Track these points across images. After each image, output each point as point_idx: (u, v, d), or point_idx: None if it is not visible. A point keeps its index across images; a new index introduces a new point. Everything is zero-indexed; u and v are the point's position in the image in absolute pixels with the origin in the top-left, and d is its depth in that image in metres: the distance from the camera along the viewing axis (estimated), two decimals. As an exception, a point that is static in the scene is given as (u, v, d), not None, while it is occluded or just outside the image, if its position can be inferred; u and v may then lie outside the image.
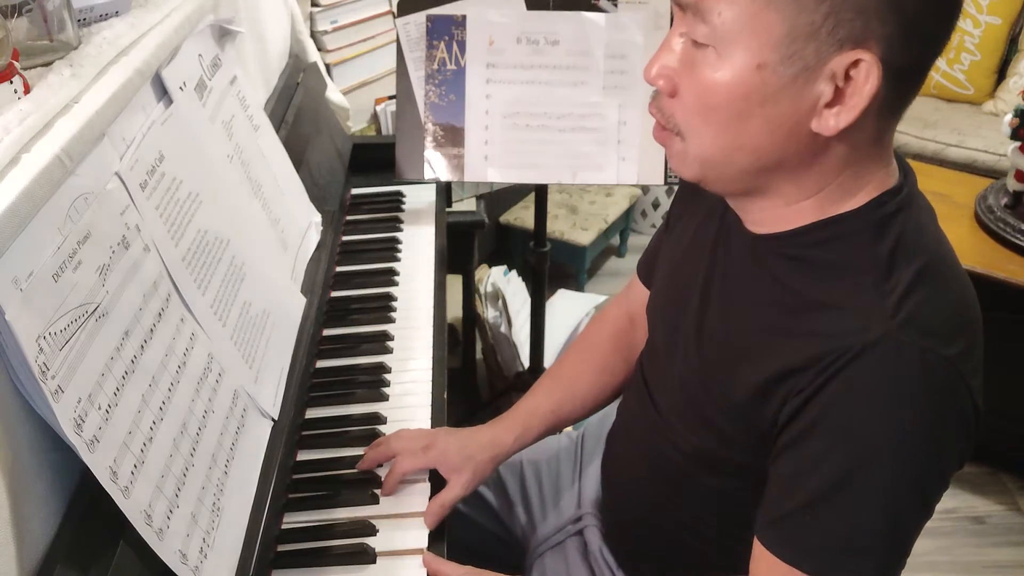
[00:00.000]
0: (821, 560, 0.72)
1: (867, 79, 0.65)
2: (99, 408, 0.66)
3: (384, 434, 1.03)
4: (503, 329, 2.08)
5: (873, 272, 0.71)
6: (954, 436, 0.71)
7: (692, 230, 0.91)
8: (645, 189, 3.01)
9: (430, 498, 0.97)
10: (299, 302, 1.13)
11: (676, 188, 1.02)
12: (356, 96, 2.03)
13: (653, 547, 0.98)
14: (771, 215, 0.77)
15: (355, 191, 1.56)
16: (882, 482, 0.70)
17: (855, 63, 0.65)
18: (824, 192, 0.74)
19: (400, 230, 1.45)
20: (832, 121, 0.68)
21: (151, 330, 0.77)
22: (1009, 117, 1.83)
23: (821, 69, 0.66)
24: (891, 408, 0.68)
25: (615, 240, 2.98)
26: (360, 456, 1.01)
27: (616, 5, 1.39)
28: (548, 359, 1.92)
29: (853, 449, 0.70)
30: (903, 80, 0.68)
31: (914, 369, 0.68)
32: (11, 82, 0.73)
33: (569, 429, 1.44)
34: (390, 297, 1.28)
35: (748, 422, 0.78)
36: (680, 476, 0.89)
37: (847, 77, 0.66)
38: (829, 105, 0.67)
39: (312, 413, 1.09)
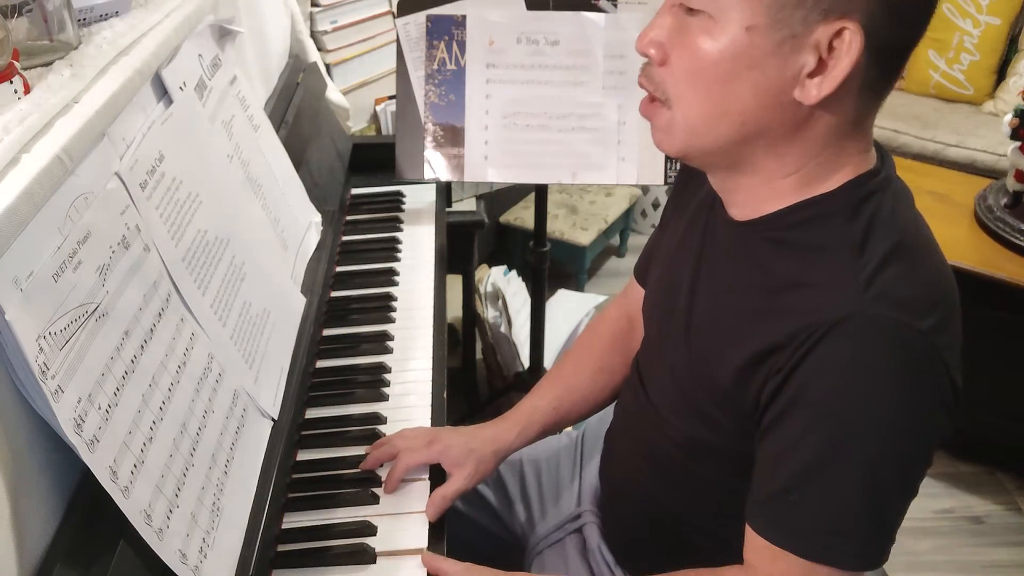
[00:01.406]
0: (806, 541, 0.73)
1: (849, 48, 0.68)
2: (99, 408, 0.66)
3: (384, 434, 1.04)
4: (503, 329, 2.08)
5: (847, 250, 0.73)
6: (931, 409, 0.72)
7: (682, 227, 0.92)
8: (645, 189, 3.01)
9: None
10: (299, 302, 1.13)
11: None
12: (356, 96, 2.03)
13: (651, 542, 0.98)
14: (753, 196, 0.79)
15: (355, 191, 1.56)
16: (861, 458, 0.71)
17: (838, 33, 0.67)
18: (804, 171, 0.76)
19: (400, 230, 1.45)
20: (814, 91, 0.70)
21: (151, 330, 0.77)
22: (1009, 117, 1.83)
23: (807, 38, 0.68)
24: (865, 381, 0.70)
25: (615, 240, 2.98)
26: (360, 456, 1.01)
27: (616, 5, 1.39)
28: (548, 359, 1.92)
29: (830, 425, 0.71)
30: (885, 60, 0.70)
31: (885, 341, 0.69)
32: (11, 82, 0.73)
33: (569, 429, 1.44)
34: (390, 297, 1.28)
35: (734, 406, 0.80)
36: (675, 468, 0.90)
37: (830, 48, 0.68)
38: (812, 75, 0.70)
39: (312, 413, 1.09)
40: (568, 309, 2.23)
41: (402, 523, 0.94)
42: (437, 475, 1.00)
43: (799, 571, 0.74)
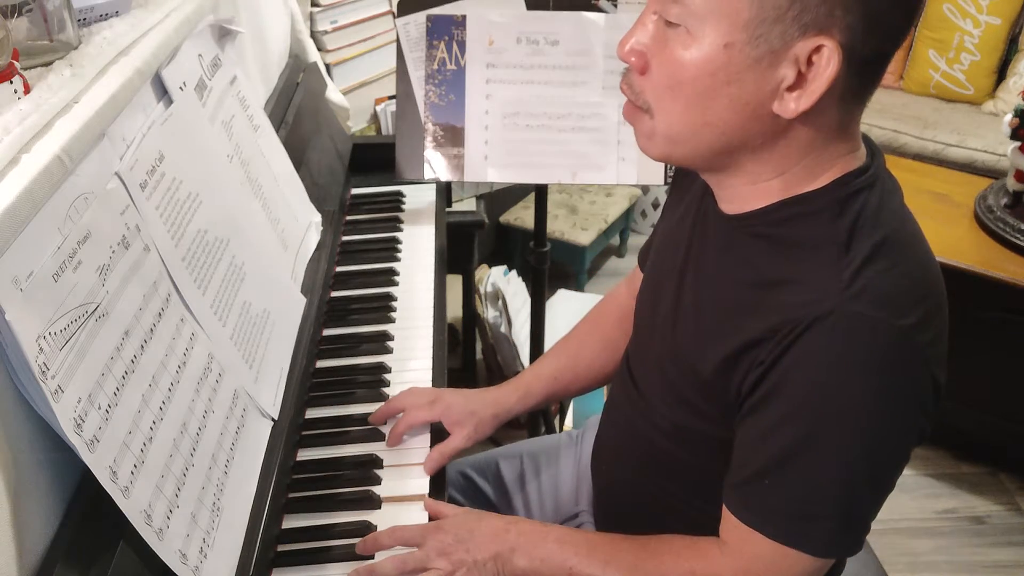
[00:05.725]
0: (777, 524, 0.75)
1: (827, 64, 0.67)
2: (99, 408, 0.66)
3: (385, 434, 1.04)
4: (503, 329, 2.08)
5: (832, 247, 0.73)
6: (907, 406, 0.72)
7: (677, 217, 0.93)
8: (645, 189, 3.01)
9: (428, 495, 0.97)
10: (299, 302, 1.13)
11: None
12: (356, 96, 2.03)
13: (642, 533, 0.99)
14: (739, 193, 0.79)
15: (355, 191, 1.56)
16: (834, 450, 0.72)
17: (817, 49, 0.67)
18: (789, 173, 0.76)
19: (400, 230, 1.45)
20: (792, 104, 0.70)
21: (151, 330, 0.77)
22: (1009, 117, 1.83)
23: (785, 53, 0.68)
24: (841, 377, 0.71)
25: (615, 240, 2.98)
26: (361, 456, 1.01)
27: (616, 5, 1.39)
28: (548, 359, 1.91)
29: (806, 417, 0.72)
30: (865, 70, 0.70)
31: (864, 338, 0.70)
32: (11, 82, 0.73)
33: (569, 427, 1.43)
34: (390, 297, 1.28)
35: (717, 396, 0.81)
36: (666, 457, 0.91)
37: (809, 63, 0.68)
38: (791, 89, 0.70)
39: (312, 413, 1.09)
40: (568, 309, 2.23)
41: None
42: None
43: (769, 552, 0.76)
